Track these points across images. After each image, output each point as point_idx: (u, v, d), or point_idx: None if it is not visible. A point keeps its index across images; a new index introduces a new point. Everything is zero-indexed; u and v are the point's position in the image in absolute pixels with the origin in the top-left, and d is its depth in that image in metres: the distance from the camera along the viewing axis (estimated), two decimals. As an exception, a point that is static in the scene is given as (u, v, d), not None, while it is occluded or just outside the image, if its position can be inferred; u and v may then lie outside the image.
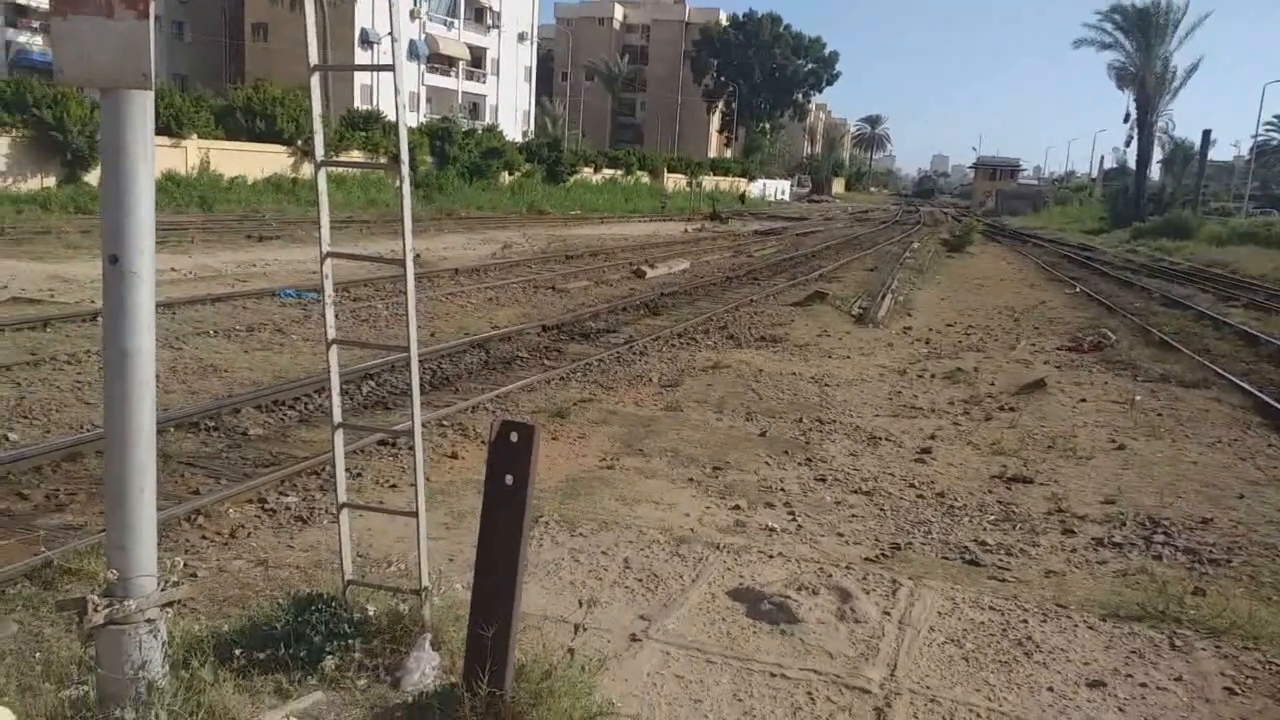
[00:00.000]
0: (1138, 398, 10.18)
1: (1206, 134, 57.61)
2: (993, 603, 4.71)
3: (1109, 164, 78.74)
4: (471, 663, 3.08)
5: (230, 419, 7.54)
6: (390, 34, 3.47)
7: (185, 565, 4.76)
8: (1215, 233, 43.13)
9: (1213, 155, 78.85)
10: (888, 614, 4.47)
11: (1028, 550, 5.67)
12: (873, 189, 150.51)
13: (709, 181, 73.23)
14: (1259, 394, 10.52)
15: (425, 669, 3.46)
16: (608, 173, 59.68)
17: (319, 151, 3.27)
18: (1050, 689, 3.91)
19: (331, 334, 3.46)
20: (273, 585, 4.58)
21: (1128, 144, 65.96)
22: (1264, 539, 6.05)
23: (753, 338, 13.04)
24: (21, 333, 10.13)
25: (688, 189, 67.59)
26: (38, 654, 3.51)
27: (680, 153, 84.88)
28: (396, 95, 3.25)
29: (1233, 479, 7.47)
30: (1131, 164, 65.81)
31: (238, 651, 3.41)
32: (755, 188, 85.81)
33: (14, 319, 10.63)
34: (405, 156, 3.23)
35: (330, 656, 3.52)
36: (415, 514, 3.66)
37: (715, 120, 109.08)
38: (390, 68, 3.26)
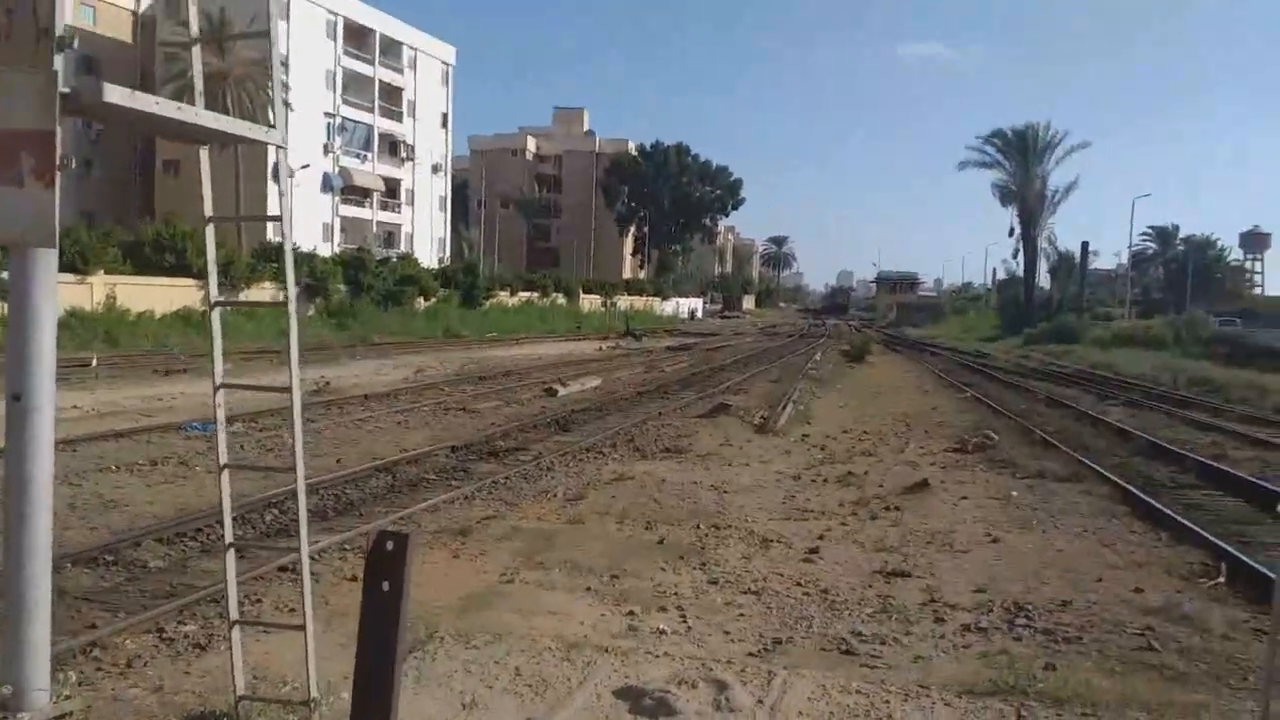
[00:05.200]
0: (1014, 493, 10.87)
1: (1085, 245, 62.02)
2: (860, 687, 5.06)
3: (1000, 275, 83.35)
4: (353, 761, 3.29)
5: (130, 552, 7.55)
6: (279, 184, 3.91)
7: (80, 696, 4.83)
8: (1099, 336, 45.94)
9: (1097, 264, 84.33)
10: (760, 702, 4.78)
11: (900, 639, 6.07)
12: (781, 304, 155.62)
13: (624, 301, 75.02)
14: (1124, 485, 11.32)
15: (313, 775, 3.64)
16: (524, 295, 60.80)
17: (213, 293, 3.64)
18: (904, 761, 4.25)
19: (223, 459, 3.75)
20: (168, 710, 4.66)
21: (1014, 256, 70.34)
22: (1114, 617, 6.57)
23: (658, 449, 13.47)
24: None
25: (603, 309, 69.06)
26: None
27: (595, 274, 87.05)
28: (285, 242, 3.67)
29: (1094, 564, 8.05)
30: (1020, 274, 69.89)
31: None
32: (669, 306, 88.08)
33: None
34: (293, 294, 3.62)
35: (220, 769, 3.67)
36: (303, 628, 3.89)
37: (629, 243, 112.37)
38: (278, 218, 3.70)
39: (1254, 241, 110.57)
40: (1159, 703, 4.98)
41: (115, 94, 2.63)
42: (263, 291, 34.92)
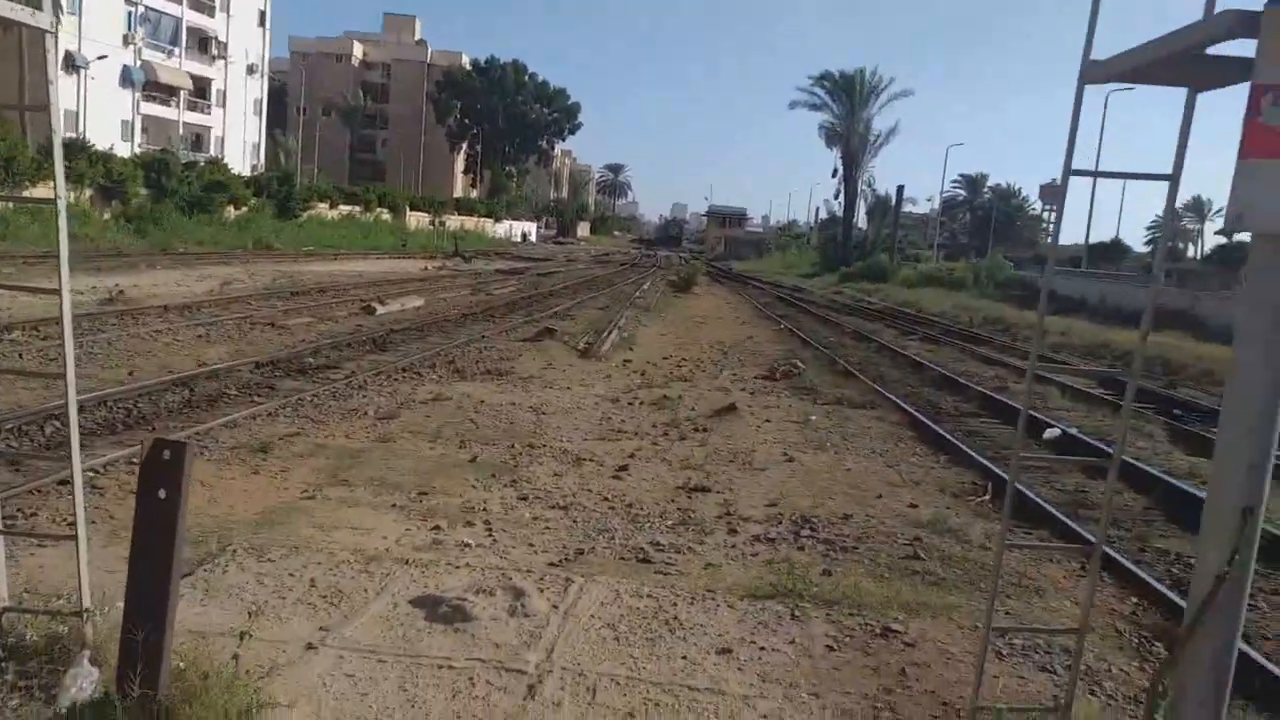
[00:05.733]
0: (813, 418, 11.53)
1: (900, 189, 65.11)
2: (651, 591, 5.33)
3: (823, 214, 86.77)
4: (124, 668, 3.21)
5: (-120, 465, 6.89)
6: (72, 74, 3.59)
7: None
8: (907, 276, 48.72)
9: (911, 208, 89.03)
10: (555, 607, 4.96)
11: (694, 548, 6.40)
12: (616, 233, 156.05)
13: (454, 221, 73.14)
14: (913, 412, 12.22)
15: (83, 684, 3.51)
16: (345, 209, 58.20)
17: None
18: (684, 657, 4.53)
19: (-23, 357, 3.47)
20: (-81, 628, 4.35)
21: (836, 196, 73.32)
22: (889, 529, 7.16)
23: (479, 371, 13.40)
24: None
25: (431, 228, 67.13)
26: None
27: (424, 192, 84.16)
28: (54, 135, 3.39)
29: (877, 482, 8.70)
30: (840, 215, 73.00)
31: None
32: (501, 228, 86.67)
33: None
34: (61, 190, 3.37)
35: (-23, 682, 3.49)
36: (74, 537, 3.70)
37: (460, 161, 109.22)
38: (46, 108, 3.42)
39: (1052, 194, 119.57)
40: (917, 603, 5.50)
41: None
42: (50, 190, 31.83)
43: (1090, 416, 13.05)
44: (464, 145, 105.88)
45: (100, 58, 52.11)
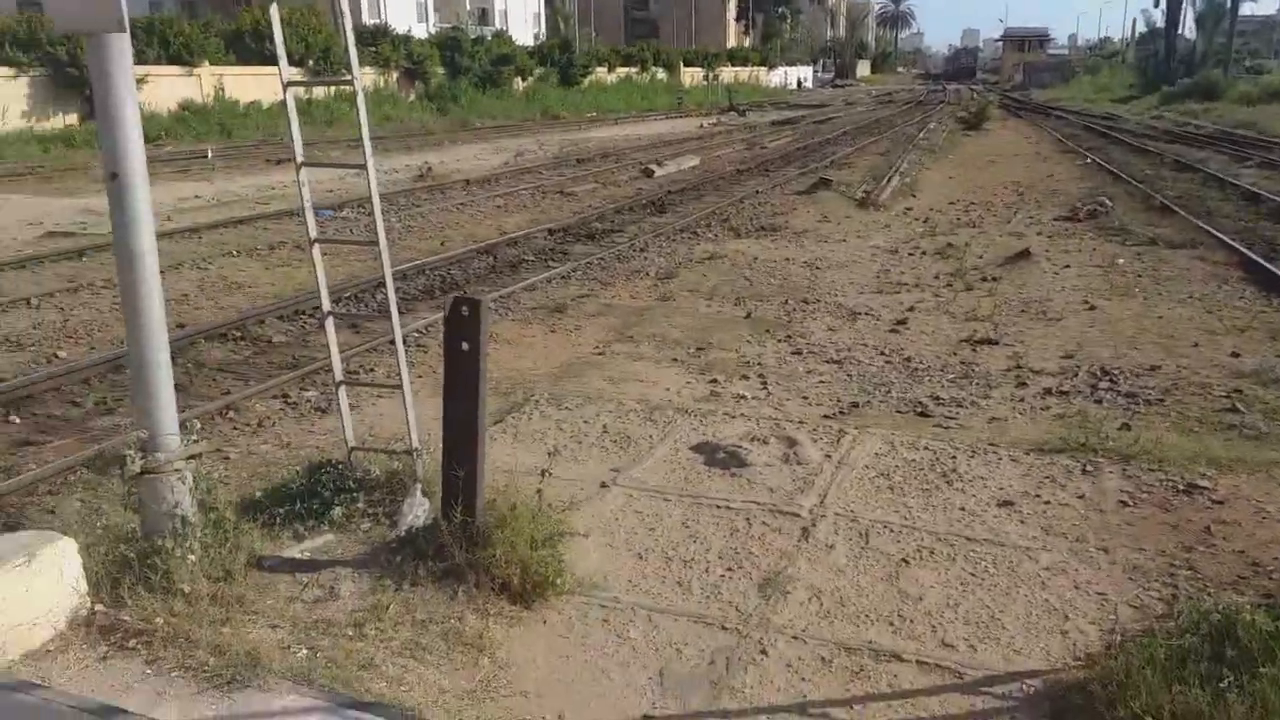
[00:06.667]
0: (1120, 261, 10.52)
1: (1240, -13, 55.22)
2: (928, 444, 5.28)
3: (1141, 28, 75.68)
4: (447, 497, 3.72)
5: (255, 329, 8.21)
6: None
7: (219, 450, 5.49)
8: (1245, 92, 41.93)
9: (1254, 10, 75.60)
10: (829, 456, 5.07)
11: (978, 402, 6.20)
12: (900, 70, 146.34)
13: (727, 74, 71.97)
14: (1244, 249, 10.79)
15: (418, 512, 4.12)
16: (622, 71, 58.95)
17: (284, 73, 3.78)
18: (962, 508, 4.49)
19: (313, 234, 4.02)
20: (295, 461, 5.24)
21: (1156, 4, 63.48)
22: (1202, 380, 6.51)
23: (753, 228, 13.43)
24: (60, 263, 10.86)
25: (705, 82, 66.55)
26: (97, 520, 4.23)
27: (697, 45, 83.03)
28: (342, 16, 3.75)
29: (1193, 330, 7.88)
30: (1161, 27, 63.39)
31: (260, 509, 4.13)
32: (776, 76, 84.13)
33: (52, 251, 11.35)
34: (356, 73, 3.74)
35: (338, 507, 4.20)
36: (399, 386, 4.27)
37: (732, 8, 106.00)
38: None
39: None
40: (1231, 459, 5.03)
41: None
42: (365, 77, 34.91)
43: None
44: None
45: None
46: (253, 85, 31.56)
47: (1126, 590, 3.75)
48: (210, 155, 22.34)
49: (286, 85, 3.76)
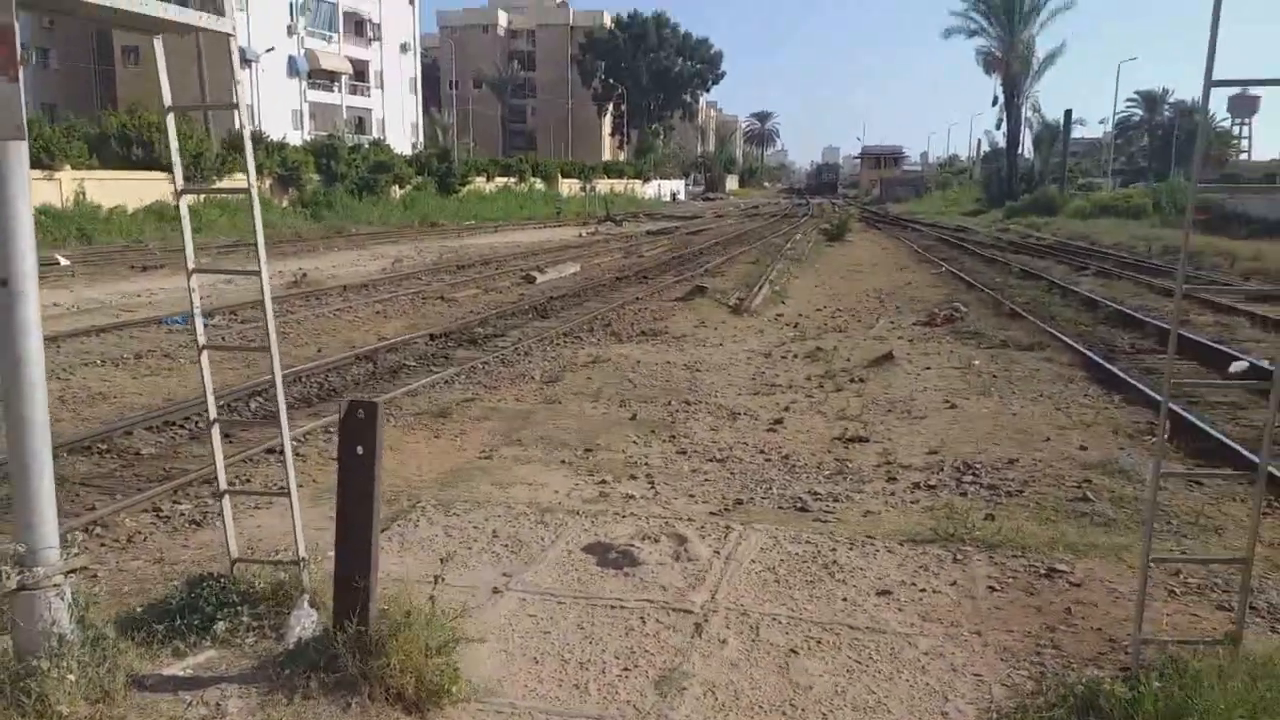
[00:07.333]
0: (976, 362, 11.27)
1: (1068, 113, 61.07)
2: (809, 537, 5.49)
3: (985, 147, 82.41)
4: (340, 605, 3.66)
5: (122, 441, 7.86)
6: (233, 77, 4.03)
7: (86, 568, 5.20)
8: (1080, 207, 45.94)
9: (1083, 133, 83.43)
10: (717, 553, 5.20)
11: (853, 497, 6.49)
12: (766, 184, 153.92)
13: (604, 185, 74.14)
14: (1085, 351, 11.72)
15: (305, 623, 4.02)
16: (501, 181, 60.02)
17: (179, 182, 3.81)
18: (845, 599, 4.68)
19: (201, 341, 3.99)
20: (170, 578, 5.02)
21: (998, 126, 69.46)
22: (1056, 472, 7.01)
23: (634, 332, 13.77)
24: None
25: (582, 193, 68.33)
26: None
27: (574, 158, 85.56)
28: (243, 129, 3.82)
29: (1045, 426, 8.48)
30: (1004, 145, 69.23)
31: (138, 626, 3.95)
32: (650, 188, 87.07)
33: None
34: (253, 179, 3.80)
35: (221, 622, 4.05)
36: (287, 493, 4.21)
37: (607, 123, 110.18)
38: (235, 106, 3.84)
39: (1242, 105, 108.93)
40: (1085, 544, 5.43)
41: (67, -10, 2.76)
42: (235, 182, 34.44)
43: (1286, 347, 12.13)
44: (610, 106, 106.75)
45: (268, 50, 55.42)
46: (115, 190, 30.69)
47: (999, 670, 3.97)
48: (66, 262, 21.39)
49: (180, 192, 3.78)
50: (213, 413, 4.15)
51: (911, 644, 4.20)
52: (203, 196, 31.81)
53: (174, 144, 3.73)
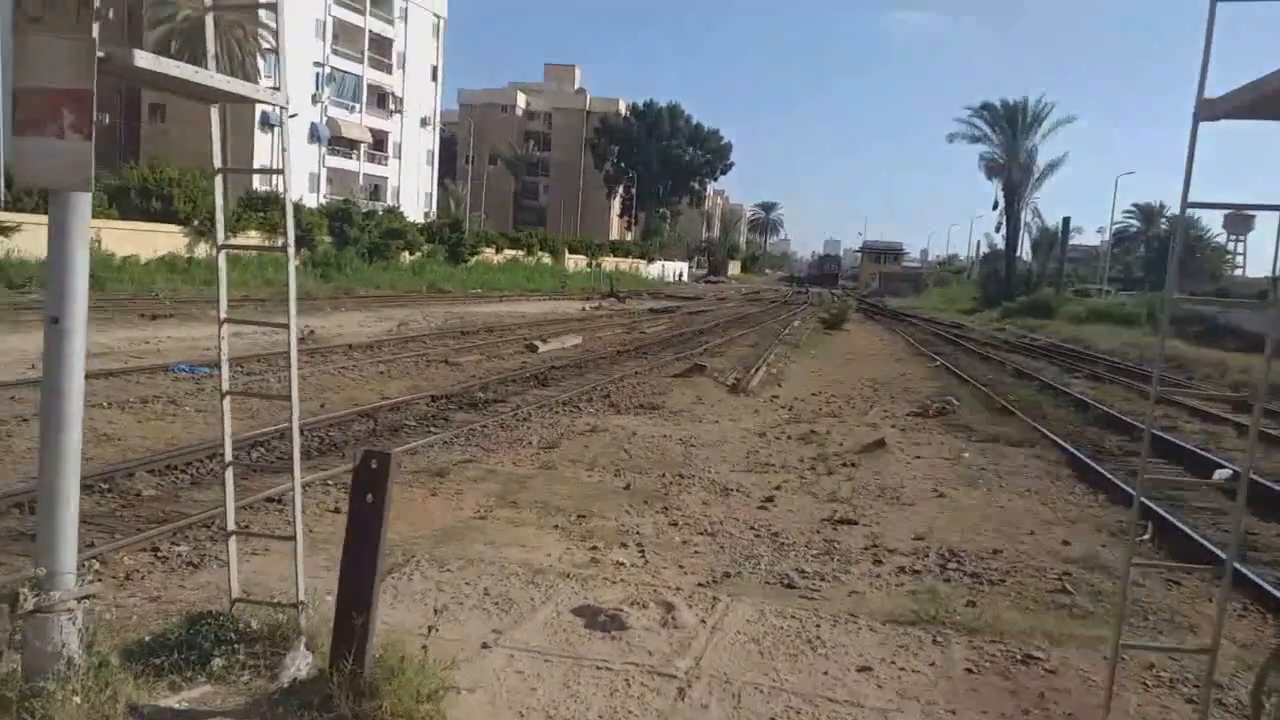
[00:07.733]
0: (965, 455, 11.45)
1: (1066, 220, 62.44)
2: (794, 612, 5.61)
3: (985, 248, 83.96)
4: (338, 646, 3.79)
5: (124, 482, 7.99)
6: (279, 136, 4.32)
7: (97, 596, 5.31)
8: (1075, 312, 46.60)
9: (1081, 240, 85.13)
10: (703, 622, 5.33)
11: (839, 576, 6.62)
12: (768, 271, 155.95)
13: (609, 262, 75.25)
14: (1072, 450, 11.92)
15: (300, 664, 4.14)
16: (510, 253, 60.97)
17: (220, 237, 4.07)
18: (826, 672, 4.80)
19: (225, 387, 4.20)
20: (164, 615, 5.13)
21: (998, 229, 70.89)
22: (1038, 564, 7.15)
23: (632, 405, 13.97)
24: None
25: (588, 269, 69.30)
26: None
27: (582, 235, 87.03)
28: (285, 194, 4.09)
29: (1030, 520, 8.63)
30: (1003, 247, 70.53)
31: (135, 658, 4.07)
32: (654, 269, 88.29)
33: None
34: (291, 240, 4.05)
35: (218, 658, 4.17)
36: (293, 538, 4.37)
37: (616, 204, 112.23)
38: (280, 171, 4.12)
39: (1237, 223, 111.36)
40: (1062, 634, 5.55)
41: (144, 59, 3.04)
42: (249, 239, 35.06)
43: (1270, 458, 12.33)
44: (620, 188, 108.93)
45: (292, 116, 56.58)
46: (131, 239, 31.24)
47: (971, 749, 4.08)
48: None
49: (220, 248, 4.04)
50: (229, 455, 4.33)
51: (888, 719, 4.31)
52: (211, 250, 32.32)
53: (219, 202, 4.01)
